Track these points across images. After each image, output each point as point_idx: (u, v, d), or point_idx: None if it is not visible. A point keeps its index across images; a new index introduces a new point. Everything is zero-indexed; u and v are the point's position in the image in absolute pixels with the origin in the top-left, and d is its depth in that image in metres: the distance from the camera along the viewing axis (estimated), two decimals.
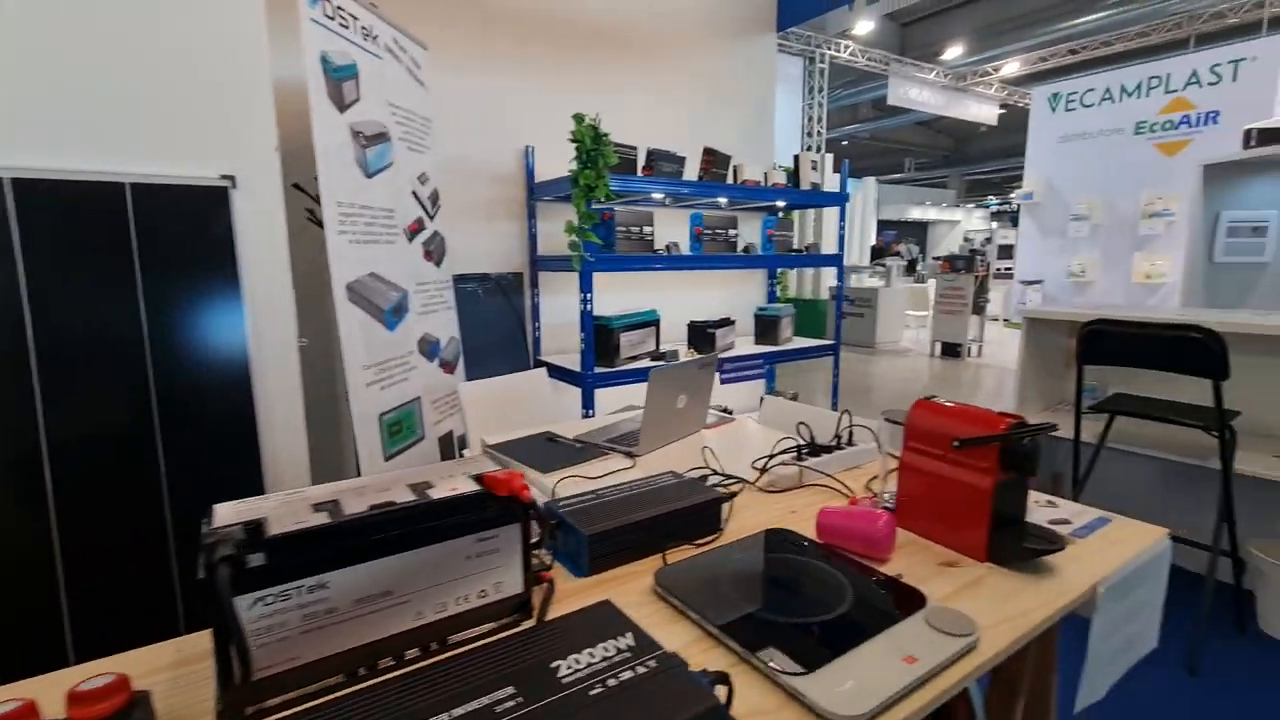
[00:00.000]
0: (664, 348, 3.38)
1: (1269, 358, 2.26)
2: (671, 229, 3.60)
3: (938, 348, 7.86)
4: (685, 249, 3.40)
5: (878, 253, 14.62)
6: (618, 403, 2.59)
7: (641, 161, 3.08)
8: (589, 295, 2.84)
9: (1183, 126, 7.85)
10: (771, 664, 0.69)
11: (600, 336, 3.03)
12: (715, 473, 1.34)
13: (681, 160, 3.14)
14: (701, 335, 3.42)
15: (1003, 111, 14.77)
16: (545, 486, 1.28)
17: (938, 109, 13.43)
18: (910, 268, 14.15)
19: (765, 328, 3.76)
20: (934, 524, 1.05)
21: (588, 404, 2.92)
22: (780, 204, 3.77)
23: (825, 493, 1.27)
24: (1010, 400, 2.55)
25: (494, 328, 3.27)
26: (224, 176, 1.69)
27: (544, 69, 3.26)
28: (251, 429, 1.75)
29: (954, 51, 13.06)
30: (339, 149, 1.91)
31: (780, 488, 1.30)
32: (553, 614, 0.81)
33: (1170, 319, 1.98)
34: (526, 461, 1.46)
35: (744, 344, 3.75)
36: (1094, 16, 11.17)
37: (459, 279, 3.14)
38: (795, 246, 3.90)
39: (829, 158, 10.48)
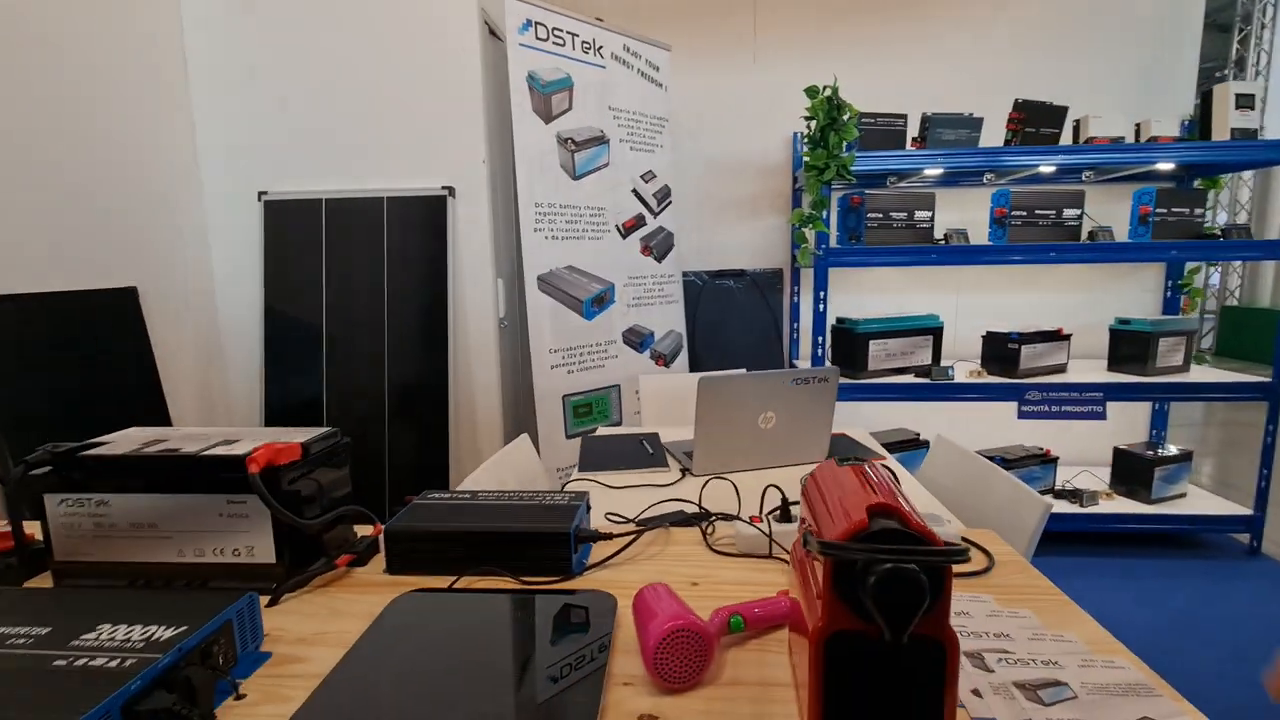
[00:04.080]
0: (945, 362, 2.70)
1: None
2: (967, 213, 2.82)
3: None
4: (981, 236, 2.61)
5: None
6: (874, 418, 2.73)
7: (914, 131, 2.49)
8: (823, 294, 2.48)
9: None
10: None
11: (842, 341, 2.61)
12: (692, 509, 1.05)
13: (976, 123, 2.42)
14: (1000, 351, 2.58)
15: None
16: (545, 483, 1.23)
17: None
18: None
19: (1126, 349, 2.60)
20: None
21: None
22: (1167, 166, 2.53)
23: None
24: None
25: (749, 327, 3.14)
26: (444, 187, 2.10)
27: (810, 45, 2.93)
28: (444, 390, 2.15)
29: None
30: (542, 155, 2.15)
31: (739, 551, 0.93)
32: (304, 598, 0.81)
33: None
34: (592, 456, 1.43)
35: (1087, 368, 2.68)
36: None
37: (715, 274, 3.13)
38: (1210, 228, 2.55)
39: None
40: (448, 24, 2.08)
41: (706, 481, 1.13)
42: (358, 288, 2.13)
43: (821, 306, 2.49)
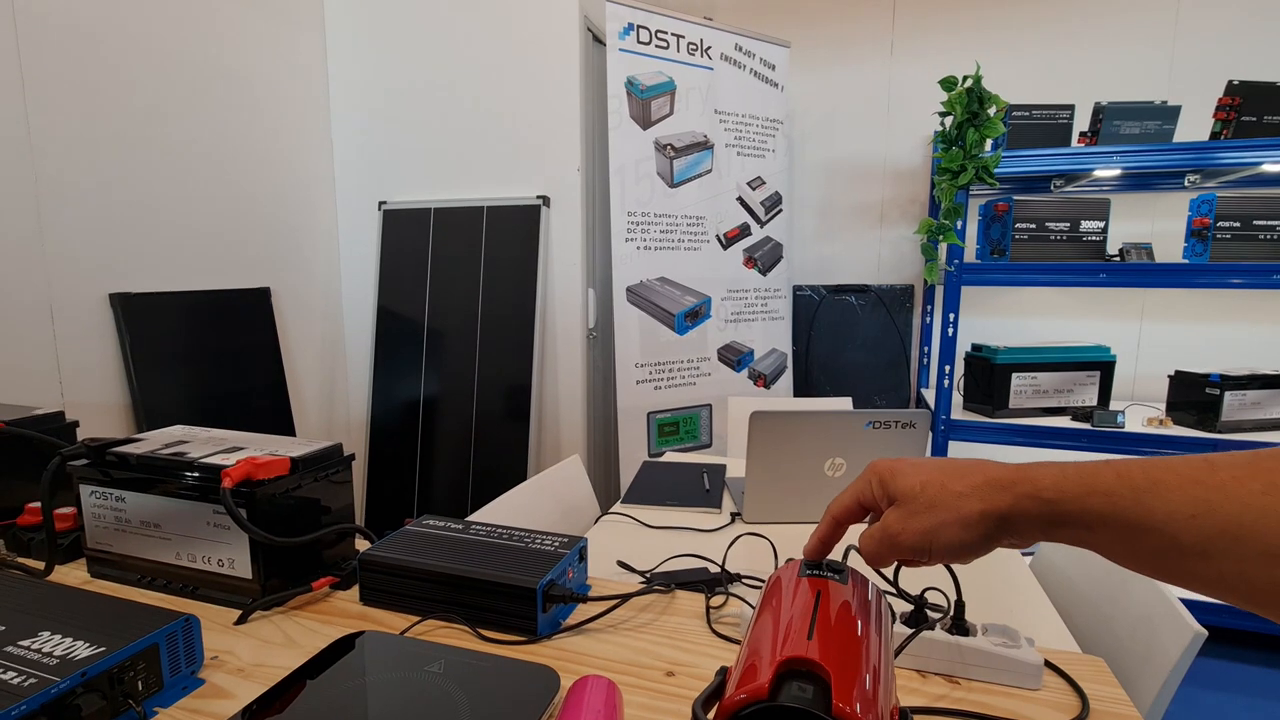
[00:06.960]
0: (1116, 405, 2.21)
1: None
2: (1156, 223, 2.28)
3: None
4: (1172, 251, 2.10)
5: None
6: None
7: (1083, 125, 2.07)
8: (953, 316, 2.14)
9: None
10: None
11: (977, 372, 2.24)
12: (720, 571, 0.89)
13: (1170, 112, 1.95)
14: (1193, 395, 2.06)
15: None
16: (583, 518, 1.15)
17: None
18: None
19: None
20: None
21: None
22: None
23: None
24: None
25: (873, 350, 2.83)
26: (539, 196, 2.10)
27: (961, 32, 2.55)
28: (527, 394, 2.15)
29: None
30: (638, 163, 2.08)
31: (741, 636, 0.76)
32: (275, 620, 0.79)
33: None
34: (643, 484, 1.33)
35: None
36: None
37: (835, 289, 2.85)
38: None
39: None
40: (549, 32, 2.08)
41: (738, 537, 0.97)
42: (456, 294, 2.20)
43: (951, 330, 2.15)
